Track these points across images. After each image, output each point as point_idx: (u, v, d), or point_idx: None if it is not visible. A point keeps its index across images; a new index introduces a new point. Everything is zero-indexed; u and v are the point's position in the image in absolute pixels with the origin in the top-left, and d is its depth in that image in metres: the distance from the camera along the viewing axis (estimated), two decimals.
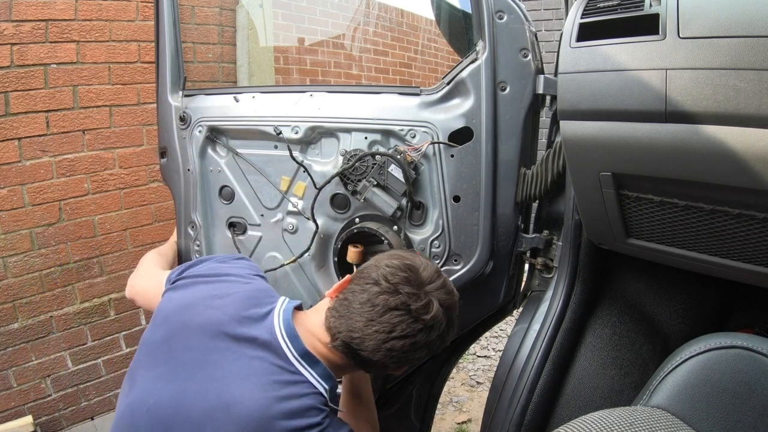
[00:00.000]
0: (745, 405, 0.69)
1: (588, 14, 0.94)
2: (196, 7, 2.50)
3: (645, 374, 1.18)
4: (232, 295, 0.98)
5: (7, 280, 2.05)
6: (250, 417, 0.83)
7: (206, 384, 0.86)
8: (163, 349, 0.92)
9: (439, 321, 0.93)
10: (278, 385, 0.87)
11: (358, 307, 0.92)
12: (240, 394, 0.85)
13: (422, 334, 0.91)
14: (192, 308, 0.96)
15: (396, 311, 0.90)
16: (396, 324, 0.90)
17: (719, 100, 0.78)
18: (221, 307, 0.95)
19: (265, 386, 0.86)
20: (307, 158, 1.35)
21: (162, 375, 0.89)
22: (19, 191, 2.04)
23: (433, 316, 0.91)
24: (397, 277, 0.92)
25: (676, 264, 1.05)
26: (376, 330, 0.90)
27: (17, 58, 1.97)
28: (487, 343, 2.99)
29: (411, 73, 4.32)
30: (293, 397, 0.86)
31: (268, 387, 0.86)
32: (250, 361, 0.88)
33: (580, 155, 0.97)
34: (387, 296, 0.91)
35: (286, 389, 0.87)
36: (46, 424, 2.21)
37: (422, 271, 0.95)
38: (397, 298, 0.90)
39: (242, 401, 0.84)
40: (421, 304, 0.91)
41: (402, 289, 0.91)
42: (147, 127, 2.36)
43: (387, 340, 0.90)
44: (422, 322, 0.91)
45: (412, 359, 0.95)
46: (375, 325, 0.90)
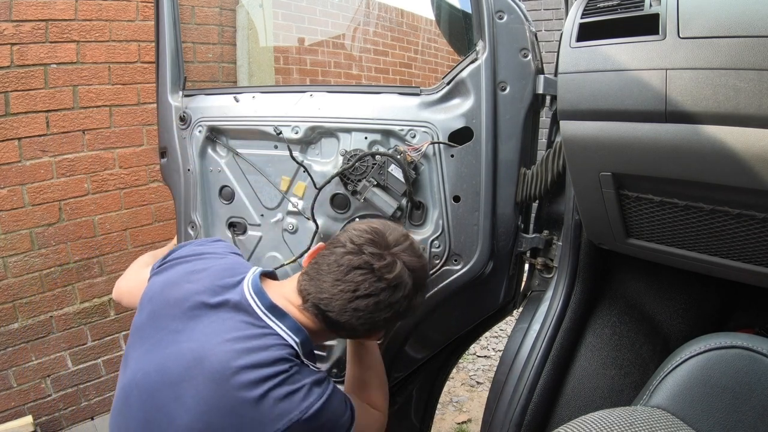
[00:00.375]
0: (745, 405, 0.69)
1: (588, 14, 0.94)
2: (196, 7, 2.50)
3: (645, 374, 1.18)
4: (209, 269, 1.01)
5: (7, 280, 2.05)
6: (217, 368, 0.85)
7: (184, 346, 0.90)
8: (149, 327, 0.96)
9: (404, 281, 0.95)
10: (246, 339, 0.89)
11: (326, 268, 0.96)
12: (210, 348, 0.88)
13: (385, 294, 0.93)
14: (173, 286, 0.99)
15: (359, 270, 0.93)
16: (359, 282, 0.92)
17: (719, 100, 0.78)
18: (198, 280, 0.98)
19: (234, 340, 0.89)
20: (307, 158, 1.35)
21: (147, 349, 0.93)
22: (19, 191, 2.04)
23: (397, 275, 0.94)
24: (362, 238, 0.96)
25: (676, 264, 1.05)
26: (341, 289, 0.93)
27: (17, 58, 1.97)
28: (487, 343, 2.99)
29: (411, 73, 4.33)
30: (260, 348, 0.88)
31: (236, 341, 0.89)
32: (223, 322, 0.92)
33: (580, 155, 0.97)
34: (351, 256, 0.94)
35: (253, 342, 0.89)
36: (46, 424, 2.21)
37: (388, 234, 0.98)
38: (361, 257, 0.94)
39: (212, 355, 0.87)
40: (384, 263, 0.93)
41: (366, 249, 0.94)
42: (147, 127, 2.36)
43: (352, 300, 0.93)
44: (385, 281, 0.93)
45: (379, 321, 0.96)
46: (340, 284, 0.93)
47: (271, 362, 0.87)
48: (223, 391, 0.85)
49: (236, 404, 0.84)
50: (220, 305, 0.94)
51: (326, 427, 0.91)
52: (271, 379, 0.86)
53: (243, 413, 0.84)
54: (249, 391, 0.84)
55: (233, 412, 0.84)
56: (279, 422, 0.85)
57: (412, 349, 1.39)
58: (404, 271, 0.95)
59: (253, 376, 0.85)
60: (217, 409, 0.84)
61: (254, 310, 0.93)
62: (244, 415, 0.84)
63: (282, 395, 0.86)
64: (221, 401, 0.85)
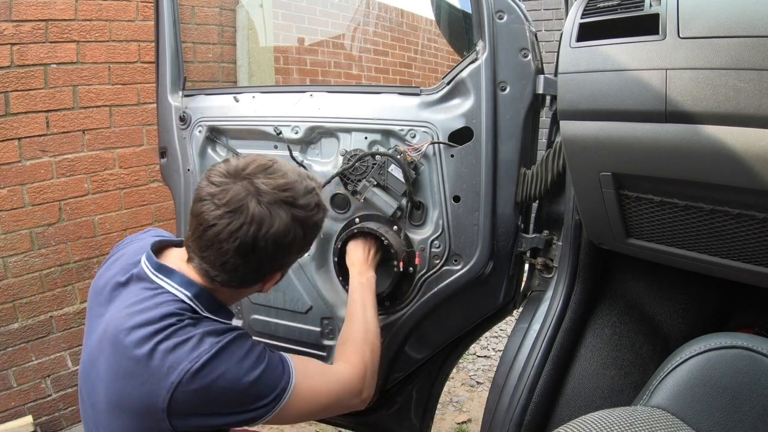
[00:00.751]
0: (745, 405, 0.69)
1: (588, 14, 0.94)
2: (196, 7, 2.50)
3: (645, 374, 1.18)
4: (125, 253, 1.02)
5: (7, 280, 2.05)
6: (114, 334, 0.87)
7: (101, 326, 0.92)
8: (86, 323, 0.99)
9: (242, 206, 0.86)
10: (139, 302, 0.89)
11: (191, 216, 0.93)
12: (111, 319, 0.90)
13: (224, 221, 0.85)
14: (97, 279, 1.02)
15: (202, 201, 0.88)
16: (203, 213, 0.87)
17: (719, 100, 0.78)
18: (114, 267, 1.00)
19: (129, 306, 0.90)
20: (307, 158, 1.35)
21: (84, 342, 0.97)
22: (19, 191, 2.04)
23: (230, 200, 0.85)
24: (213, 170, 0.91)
25: (676, 264, 1.05)
26: (195, 226, 0.89)
27: (17, 58, 1.97)
28: (487, 343, 2.99)
29: (411, 73, 4.33)
30: (150, 308, 0.88)
31: (130, 306, 0.90)
32: (128, 294, 0.93)
33: (580, 155, 0.97)
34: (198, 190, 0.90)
35: (145, 303, 0.89)
36: (46, 424, 2.21)
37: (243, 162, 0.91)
38: (204, 189, 0.88)
39: (111, 324, 0.89)
40: (219, 189, 0.87)
41: (213, 179, 0.89)
42: (147, 127, 2.36)
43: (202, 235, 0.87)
44: (223, 207, 0.85)
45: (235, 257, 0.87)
46: (193, 221, 0.89)
47: (159, 318, 0.86)
48: (120, 355, 0.86)
49: (131, 365, 0.84)
50: (128, 281, 0.94)
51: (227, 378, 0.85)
52: (158, 333, 0.84)
53: (138, 372, 0.84)
54: (139, 349, 0.84)
55: (131, 374, 0.84)
56: (171, 375, 0.82)
57: (412, 349, 1.39)
58: (239, 194, 0.86)
59: (142, 333, 0.84)
60: (119, 374, 0.85)
61: (148, 275, 0.93)
62: (140, 374, 0.83)
63: (170, 347, 0.84)
64: (120, 365, 0.85)
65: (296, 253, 0.97)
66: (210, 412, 0.86)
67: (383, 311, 1.32)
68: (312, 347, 1.42)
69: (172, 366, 0.83)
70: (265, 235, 0.86)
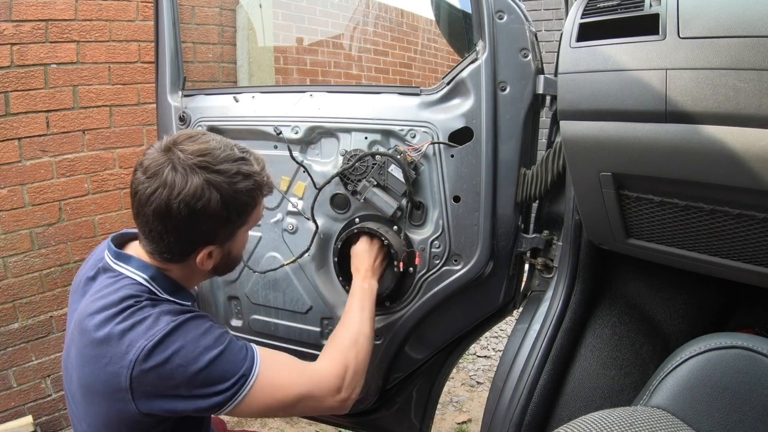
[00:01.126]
0: (746, 405, 0.69)
1: (588, 14, 0.94)
2: (196, 7, 2.50)
3: (645, 374, 1.18)
4: (96, 251, 1.06)
5: (7, 280, 2.05)
6: (79, 321, 0.90)
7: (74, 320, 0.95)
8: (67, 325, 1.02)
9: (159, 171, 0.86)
10: (101, 289, 0.92)
11: None
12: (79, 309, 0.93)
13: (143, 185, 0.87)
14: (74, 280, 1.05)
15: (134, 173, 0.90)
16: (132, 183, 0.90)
17: (719, 100, 0.78)
18: (86, 265, 1.04)
19: (92, 295, 0.93)
20: (307, 158, 1.35)
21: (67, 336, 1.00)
22: (19, 191, 2.04)
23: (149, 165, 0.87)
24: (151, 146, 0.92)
25: (676, 264, 1.05)
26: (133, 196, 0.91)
27: (17, 58, 1.97)
28: (487, 343, 2.99)
29: (411, 73, 4.33)
30: (109, 293, 0.90)
31: (93, 295, 0.93)
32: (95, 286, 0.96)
33: (580, 155, 0.97)
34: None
35: (106, 289, 0.92)
36: (46, 424, 2.21)
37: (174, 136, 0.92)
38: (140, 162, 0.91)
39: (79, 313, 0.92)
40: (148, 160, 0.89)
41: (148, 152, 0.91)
42: (147, 127, 2.36)
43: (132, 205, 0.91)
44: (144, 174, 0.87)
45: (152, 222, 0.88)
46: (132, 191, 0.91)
47: (118, 301, 0.88)
48: (85, 340, 0.88)
49: (94, 348, 0.86)
50: (96, 274, 0.98)
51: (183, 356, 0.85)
52: (117, 315, 0.87)
53: (101, 354, 0.86)
54: (100, 331, 0.86)
55: (95, 357, 0.86)
56: (129, 353, 0.84)
57: (412, 349, 1.39)
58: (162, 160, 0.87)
59: (102, 316, 0.87)
60: (86, 358, 0.88)
61: (110, 265, 0.96)
62: (103, 355, 0.85)
63: (128, 327, 0.86)
64: (86, 350, 0.88)
65: (219, 222, 0.92)
66: (169, 394, 0.86)
67: (383, 311, 1.32)
68: (312, 347, 1.42)
69: (130, 344, 0.84)
70: (177, 197, 0.86)
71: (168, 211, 0.87)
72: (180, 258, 0.95)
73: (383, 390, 1.42)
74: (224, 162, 0.90)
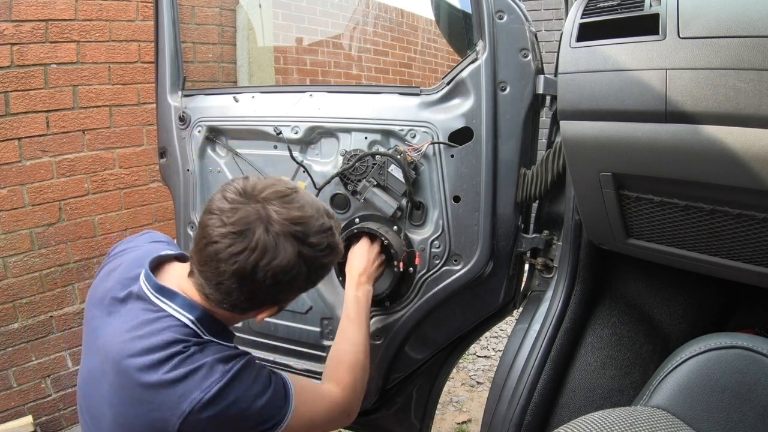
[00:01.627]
0: (746, 405, 0.69)
1: (588, 14, 0.94)
2: (196, 7, 2.50)
3: (645, 374, 1.18)
4: (122, 263, 0.99)
5: (7, 280, 2.05)
6: (117, 359, 0.85)
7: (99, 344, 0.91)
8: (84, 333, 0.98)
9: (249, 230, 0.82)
10: (140, 325, 0.87)
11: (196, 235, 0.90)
12: (111, 340, 0.88)
13: (227, 240, 0.82)
14: (94, 289, 0.99)
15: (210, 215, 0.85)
16: (208, 227, 0.84)
17: (719, 100, 0.78)
18: (111, 278, 0.97)
19: (130, 329, 0.87)
20: (307, 158, 1.35)
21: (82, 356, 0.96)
22: (19, 191, 2.04)
23: (238, 220, 0.82)
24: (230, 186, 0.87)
25: (676, 264, 1.05)
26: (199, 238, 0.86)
27: (17, 58, 1.97)
28: (487, 343, 2.99)
29: (411, 73, 4.33)
30: (153, 333, 0.86)
31: (131, 329, 0.87)
32: (127, 313, 0.91)
33: (580, 155, 0.97)
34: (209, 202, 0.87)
35: (147, 327, 0.86)
36: (46, 424, 2.21)
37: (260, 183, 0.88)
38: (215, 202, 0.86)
39: (112, 348, 0.87)
40: (230, 207, 0.84)
41: (227, 195, 0.86)
42: (147, 127, 2.36)
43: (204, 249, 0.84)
44: (229, 226, 0.82)
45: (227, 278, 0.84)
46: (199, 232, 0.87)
47: (163, 345, 0.84)
48: (125, 381, 0.84)
49: (138, 392, 0.83)
50: (126, 298, 0.92)
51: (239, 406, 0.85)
52: (165, 362, 0.82)
53: (147, 400, 0.82)
54: (146, 376, 0.82)
55: (139, 401, 0.83)
56: (183, 404, 0.81)
57: (412, 349, 1.39)
58: (250, 216, 0.82)
59: (148, 360, 0.83)
60: (126, 399, 0.84)
61: (148, 296, 0.90)
62: (150, 401, 0.82)
63: (180, 376, 0.82)
64: (126, 392, 0.84)
65: (296, 292, 0.93)
66: None
67: (383, 311, 1.32)
68: (312, 347, 1.42)
69: (183, 395, 0.82)
70: (266, 266, 0.82)
71: (252, 276, 0.83)
72: (240, 312, 0.92)
73: (383, 390, 1.42)
74: (317, 234, 0.87)
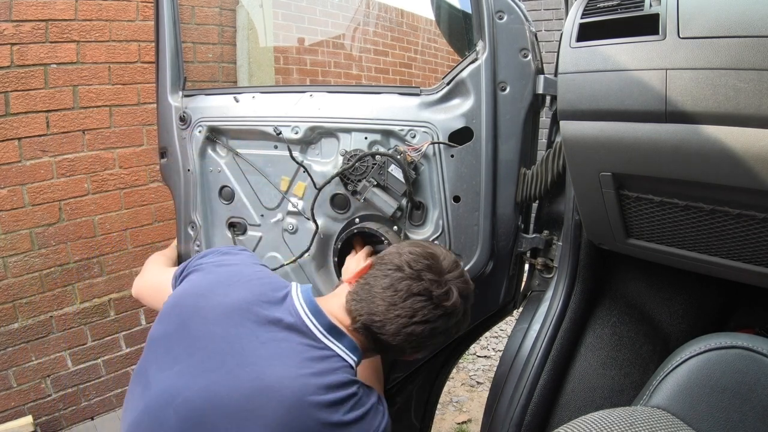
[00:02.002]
0: (746, 405, 0.69)
1: (588, 14, 0.94)
2: (196, 7, 2.50)
3: (645, 374, 1.18)
4: (247, 281, 0.98)
5: (7, 280, 2.05)
6: (292, 397, 0.82)
7: (238, 372, 0.85)
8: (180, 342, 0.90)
9: (458, 309, 0.96)
10: (311, 362, 0.87)
11: (380, 291, 0.94)
12: (277, 376, 0.84)
13: (441, 321, 0.94)
14: (206, 297, 0.95)
15: (418, 297, 0.92)
16: (418, 309, 0.92)
17: (719, 100, 0.78)
18: (238, 293, 0.94)
19: (300, 365, 0.86)
20: (307, 158, 1.35)
21: (186, 370, 0.86)
22: (19, 191, 2.04)
23: (453, 303, 0.94)
24: (420, 264, 0.95)
25: (676, 264, 1.05)
26: (397, 314, 0.92)
27: (17, 58, 1.97)
28: (487, 343, 2.99)
29: (411, 73, 4.32)
30: (327, 372, 0.87)
31: (302, 365, 0.86)
32: (279, 344, 0.88)
33: (580, 155, 0.97)
34: (410, 282, 0.93)
35: (319, 365, 0.87)
36: (46, 424, 2.21)
37: (443, 259, 0.98)
38: (420, 284, 0.93)
39: (281, 383, 0.83)
40: (442, 291, 0.93)
41: (425, 276, 0.93)
42: (147, 127, 2.36)
43: (408, 325, 0.92)
44: (443, 308, 0.93)
45: (429, 345, 0.98)
46: (397, 309, 0.92)
47: (341, 385, 0.86)
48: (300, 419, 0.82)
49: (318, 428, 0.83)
50: (270, 323, 0.90)
51: None
52: (345, 402, 0.85)
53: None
54: (328, 415, 0.83)
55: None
56: None
57: None
58: (458, 299, 0.95)
59: (329, 400, 0.84)
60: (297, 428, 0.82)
61: (312, 332, 0.91)
62: None
63: (357, 418, 0.86)
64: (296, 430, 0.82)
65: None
66: None
67: None
68: None
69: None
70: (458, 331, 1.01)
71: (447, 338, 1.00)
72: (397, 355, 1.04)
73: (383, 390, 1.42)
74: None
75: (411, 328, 0.92)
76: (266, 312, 0.91)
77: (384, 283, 0.95)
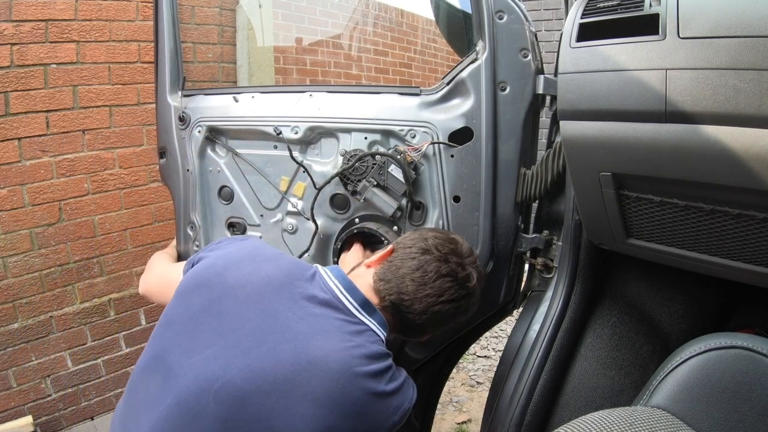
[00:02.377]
0: (746, 405, 0.69)
1: (588, 14, 0.94)
2: (196, 7, 2.50)
3: (645, 374, 1.18)
4: (274, 258, 1.01)
5: (7, 280, 2.05)
6: (339, 369, 0.84)
7: (280, 348, 0.84)
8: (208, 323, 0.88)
9: (477, 290, 1.04)
10: (351, 335, 0.91)
11: (409, 272, 0.99)
12: (322, 350, 0.86)
13: (464, 300, 1.02)
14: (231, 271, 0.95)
15: (447, 278, 0.99)
16: (445, 289, 0.98)
17: (719, 100, 0.78)
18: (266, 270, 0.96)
19: (341, 338, 0.89)
20: (307, 158, 1.35)
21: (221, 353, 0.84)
22: (19, 191, 2.04)
23: (474, 285, 1.02)
24: (446, 247, 1.02)
25: (676, 264, 1.05)
26: (427, 294, 0.98)
27: (17, 58, 1.97)
28: (487, 343, 2.99)
29: (411, 73, 4.32)
30: (366, 344, 0.91)
31: (343, 339, 0.89)
32: (316, 319, 0.91)
33: (580, 155, 0.97)
34: (438, 264, 0.99)
35: (358, 338, 0.91)
36: (46, 424, 2.21)
37: (461, 245, 1.06)
38: (448, 266, 1.00)
39: (326, 356, 0.85)
40: (465, 274, 1.01)
41: (451, 259, 1.01)
42: (147, 127, 2.36)
43: (435, 304, 0.98)
44: (466, 289, 1.01)
45: (450, 323, 1.05)
46: (426, 289, 0.98)
47: (380, 356, 0.91)
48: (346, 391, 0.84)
49: (361, 402, 0.86)
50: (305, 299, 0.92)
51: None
52: (385, 373, 0.90)
53: (366, 410, 0.86)
54: (374, 385, 0.87)
55: (357, 411, 0.85)
56: (396, 414, 0.90)
57: (412, 349, 1.39)
58: (476, 282, 1.03)
59: (373, 370, 0.88)
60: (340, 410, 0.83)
61: (347, 307, 0.95)
62: (367, 411, 0.87)
63: (396, 388, 0.90)
64: (343, 401, 0.83)
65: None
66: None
67: None
68: None
69: (398, 406, 0.91)
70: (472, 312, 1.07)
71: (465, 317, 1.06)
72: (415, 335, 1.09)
73: None
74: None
75: (438, 306, 0.98)
76: (299, 289, 0.94)
77: (413, 265, 1.00)
